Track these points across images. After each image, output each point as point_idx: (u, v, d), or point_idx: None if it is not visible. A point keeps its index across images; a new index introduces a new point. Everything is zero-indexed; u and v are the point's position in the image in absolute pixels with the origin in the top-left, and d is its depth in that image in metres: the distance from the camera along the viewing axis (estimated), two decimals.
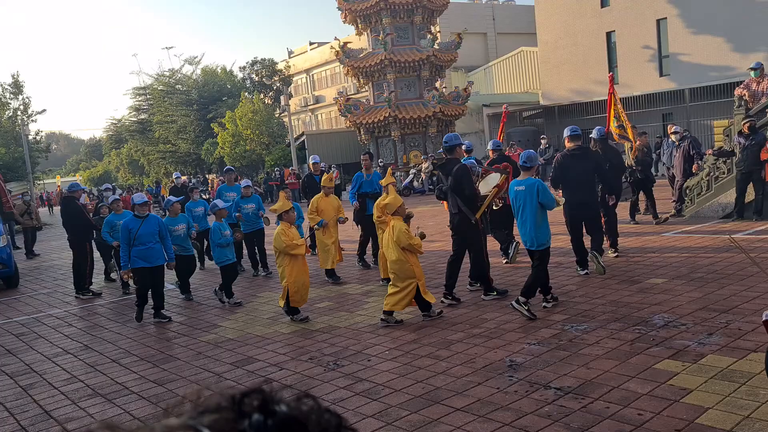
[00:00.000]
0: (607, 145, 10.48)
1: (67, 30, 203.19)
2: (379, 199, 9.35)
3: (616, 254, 9.74)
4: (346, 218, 10.45)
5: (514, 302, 7.11)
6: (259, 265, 11.57)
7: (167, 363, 6.80)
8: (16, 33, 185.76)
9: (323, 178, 10.44)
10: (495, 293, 8.01)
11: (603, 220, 9.40)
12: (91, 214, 12.09)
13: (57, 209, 36.08)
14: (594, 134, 10.03)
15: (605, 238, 9.50)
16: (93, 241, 11.66)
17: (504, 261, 10.13)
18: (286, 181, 29.16)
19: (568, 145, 8.97)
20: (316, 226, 9.88)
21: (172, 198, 10.63)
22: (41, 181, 55.93)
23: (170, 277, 12.28)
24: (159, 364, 6.78)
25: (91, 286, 11.46)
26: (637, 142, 12.31)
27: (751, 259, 3.46)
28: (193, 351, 7.16)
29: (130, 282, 9.73)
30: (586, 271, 8.81)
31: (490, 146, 10.61)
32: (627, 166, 11.90)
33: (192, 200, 12.29)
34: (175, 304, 9.90)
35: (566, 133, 9.06)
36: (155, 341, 7.80)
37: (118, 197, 11.51)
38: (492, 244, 9.59)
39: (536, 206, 7.09)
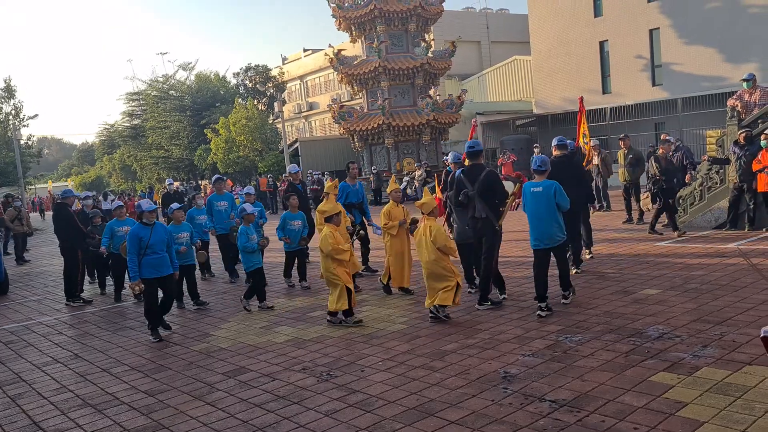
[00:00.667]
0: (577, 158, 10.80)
1: (60, 35, 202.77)
2: (387, 206, 9.28)
3: (590, 256, 10.43)
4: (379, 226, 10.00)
5: (564, 300, 7.75)
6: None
7: (158, 373, 6.73)
8: (8, 37, 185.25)
9: (327, 185, 10.04)
10: (489, 303, 7.99)
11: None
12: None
13: (49, 215, 35.86)
14: (554, 142, 9.76)
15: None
16: (88, 250, 11.53)
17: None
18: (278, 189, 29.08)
19: (555, 153, 9.41)
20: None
21: (175, 204, 10.41)
22: (32, 186, 55.67)
23: None
24: (150, 374, 6.71)
25: (82, 294, 11.36)
26: (661, 151, 12.41)
27: (757, 270, 3.45)
28: (184, 360, 7.09)
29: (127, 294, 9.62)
30: (576, 270, 9.39)
31: (450, 158, 10.93)
32: (652, 174, 12.05)
33: (196, 207, 12.16)
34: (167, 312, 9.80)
35: (554, 142, 9.63)
36: (146, 350, 7.72)
37: (121, 203, 11.28)
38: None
39: (553, 207, 7.43)
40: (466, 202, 8.06)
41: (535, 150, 24.52)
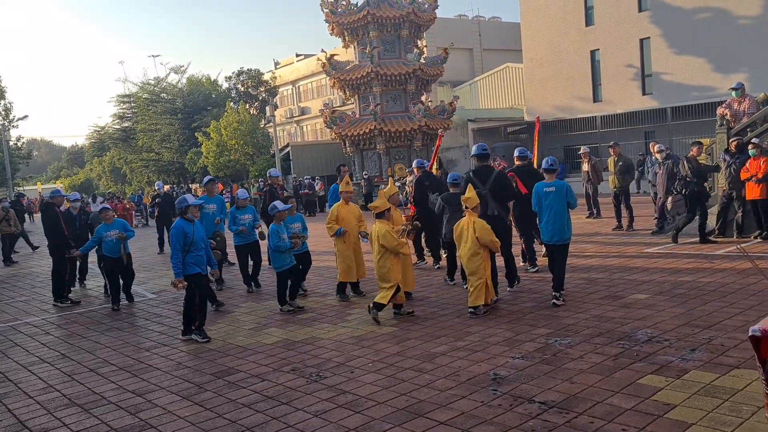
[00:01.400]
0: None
1: (51, 36, 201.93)
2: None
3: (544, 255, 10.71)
4: (368, 233, 9.78)
5: (555, 300, 7.91)
6: (252, 282, 10.99)
7: (146, 373, 6.69)
8: None
9: (342, 184, 9.82)
10: (518, 283, 8.96)
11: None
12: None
13: (37, 216, 35.58)
14: (473, 150, 9.47)
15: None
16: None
17: None
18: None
19: (516, 162, 10.17)
20: (331, 235, 9.43)
21: (190, 197, 10.06)
22: (21, 188, 55.32)
23: (153, 286, 12.14)
24: (138, 374, 6.67)
25: (69, 294, 11.28)
26: (692, 152, 11.94)
27: (757, 268, 3.48)
28: (173, 361, 7.05)
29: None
30: (536, 268, 10.20)
31: (414, 164, 12.28)
32: (682, 176, 11.63)
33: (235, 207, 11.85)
34: (155, 313, 9.77)
35: (516, 153, 10.27)
36: (134, 351, 7.67)
37: (107, 205, 11.04)
38: None
39: (564, 205, 7.98)
40: (482, 199, 8.42)
41: None
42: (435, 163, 13.65)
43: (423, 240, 12.05)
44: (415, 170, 12.23)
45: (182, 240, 7.76)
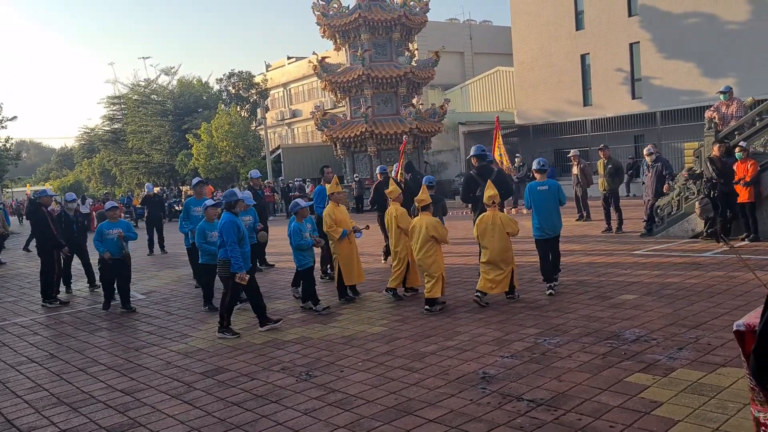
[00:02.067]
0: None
1: (40, 36, 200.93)
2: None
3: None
4: (365, 228, 9.94)
5: (550, 290, 8.52)
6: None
7: (135, 372, 6.67)
8: None
9: (331, 185, 9.59)
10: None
11: None
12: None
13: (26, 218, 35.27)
14: (473, 151, 9.76)
15: None
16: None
17: None
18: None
19: (474, 163, 9.74)
20: (338, 239, 9.16)
21: (209, 201, 9.91)
22: (10, 189, 54.96)
23: (142, 287, 12.09)
24: (127, 374, 6.65)
25: (58, 295, 11.23)
26: (715, 151, 11.58)
27: (750, 268, 3.52)
28: (162, 361, 7.03)
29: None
30: None
31: (377, 170, 13.04)
32: (708, 178, 11.25)
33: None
34: (144, 313, 9.73)
35: (473, 151, 9.73)
36: (123, 351, 7.64)
37: (115, 204, 10.60)
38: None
39: (556, 202, 8.71)
40: (479, 198, 9.00)
41: (516, 160, 24.77)
42: (401, 168, 13.87)
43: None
44: (378, 176, 12.84)
45: (237, 234, 7.61)
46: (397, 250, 9.07)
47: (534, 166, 8.96)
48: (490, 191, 8.31)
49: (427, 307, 8.15)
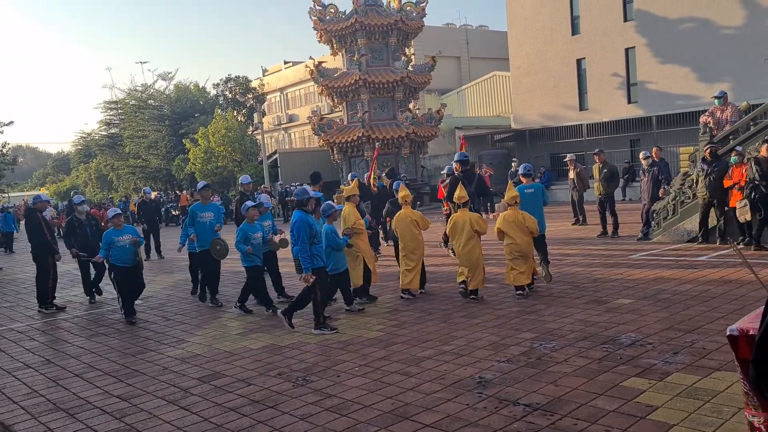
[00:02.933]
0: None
1: (37, 41, 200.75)
2: (459, 190, 9.16)
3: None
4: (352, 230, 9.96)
5: (548, 270, 9.52)
6: (280, 295, 10.15)
7: (132, 378, 6.67)
8: None
9: (351, 187, 10.00)
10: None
11: None
12: (58, 228, 11.64)
13: (22, 224, 35.24)
14: (456, 157, 10.73)
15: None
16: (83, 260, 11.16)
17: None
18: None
19: (458, 167, 10.60)
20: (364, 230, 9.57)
21: (250, 202, 9.70)
22: (6, 194, 54.86)
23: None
24: (123, 379, 6.64)
25: (54, 300, 11.21)
26: (763, 151, 10.89)
27: (751, 270, 3.54)
28: (159, 366, 7.03)
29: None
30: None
31: (349, 176, 14.39)
32: (750, 179, 10.90)
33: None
34: (141, 318, 9.72)
35: (456, 158, 10.72)
36: (120, 356, 7.64)
37: (119, 211, 10.12)
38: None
39: (541, 203, 9.70)
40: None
41: (513, 164, 24.84)
42: (373, 173, 15.05)
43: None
44: (350, 181, 13.64)
45: (308, 232, 7.60)
46: (413, 253, 9.46)
47: (521, 170, 10.15)
48: (459, 192, 9.05)
49: (473, 296, 8.87)
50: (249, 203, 9.65)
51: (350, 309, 8.94)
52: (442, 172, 13.76)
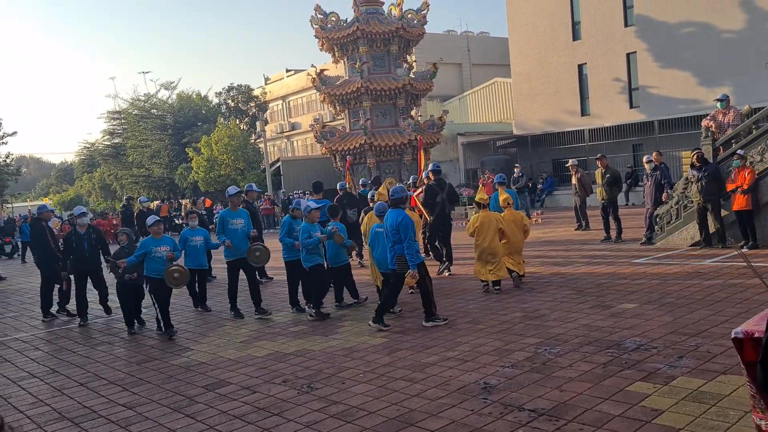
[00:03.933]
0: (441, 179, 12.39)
1: (40, 51, 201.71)
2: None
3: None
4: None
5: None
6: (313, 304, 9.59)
7: (137, 386, 6.68)
8: None
9: (378, 192, 11.12)
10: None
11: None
12: (62, 239, 11.45)
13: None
14: (431, 167, 12.23)
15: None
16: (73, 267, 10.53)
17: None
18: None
19: (432, 176, 11.95)
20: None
21: (312, 204, 9.66)
22: (10, 205, 55.04)
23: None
24: (128, 388, 6.65)
25: (67, 305, 11.25)
26: None
27: (756, 273, 3.53)
28: (164, 374, 7.04)
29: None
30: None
31: (338, 186, 14.93)
32: None
33: (189, 227, 10.72)
34: (147, 327, 9.72)
35: (430, 167, 12.16)
36: (125, 365, 7.65)
37: (159, 219, 9.63)
38: None
39: (518, 208, 10.85)
40: (438, 204, 11.57)
41: (515, 170, 24.86)
42: (348, 182, 16.28)
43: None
44: (338, 191, 14.54)
45: (413, 229, 8.09)
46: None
47: (496, 179, 11.64)
48: (481, 194, 10.40)
49: (497, 287, 9.67)
50: (312, 204, 9.74)
51: (358, 301, 9.67)
52: (408, 183, 14.49)
